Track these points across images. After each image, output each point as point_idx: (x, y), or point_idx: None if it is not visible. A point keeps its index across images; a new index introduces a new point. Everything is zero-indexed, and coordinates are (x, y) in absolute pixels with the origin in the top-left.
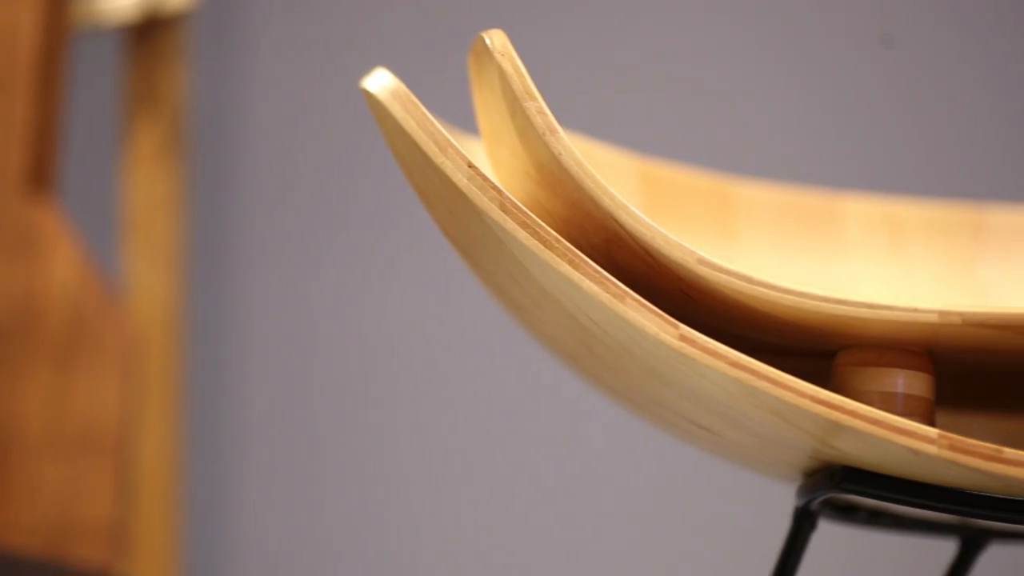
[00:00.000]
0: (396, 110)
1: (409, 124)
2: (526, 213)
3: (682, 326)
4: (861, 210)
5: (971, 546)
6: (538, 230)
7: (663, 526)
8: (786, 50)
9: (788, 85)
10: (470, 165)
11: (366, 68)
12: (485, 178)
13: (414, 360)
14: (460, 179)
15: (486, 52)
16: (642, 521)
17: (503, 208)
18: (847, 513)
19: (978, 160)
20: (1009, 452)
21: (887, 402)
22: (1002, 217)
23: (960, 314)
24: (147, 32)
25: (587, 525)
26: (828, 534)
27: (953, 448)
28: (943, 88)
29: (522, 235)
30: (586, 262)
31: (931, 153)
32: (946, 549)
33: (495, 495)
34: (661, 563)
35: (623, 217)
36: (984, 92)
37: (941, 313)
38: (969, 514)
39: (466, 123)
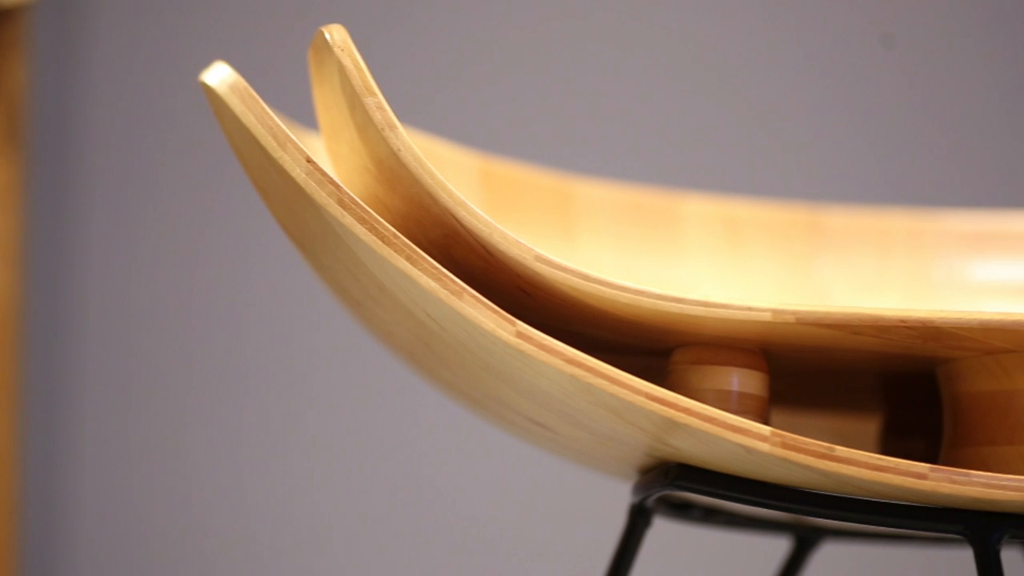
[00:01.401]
0: (235, 104)
1: (248, 118)
2: (364, 209)
3: (519, 323)
4: (700, 210)
5: (804, 544)
6: (376, 226)
7: (500, 524)
8: (786, 50)
9: (788, 85)
10: (308, 160)
11: (206, 62)
12: (323, 173)
13: (252, 353)
14: (298, 174)
15: (326, 47)
16: (480, 519)
17: (341, 203)
18: (682, 511)
19: (978, 160)
20: (841, 450)
21: (722, 400)
22: (838, 218)
23: (793, 313)
24: None
25: (423, 521)
26: (666, 532)
27: (785, 446)
28: (944, 89)
29: (360, 231)
30: (424, 258)
31: (932, 153)
32: (782, 547)
33: (334, 491)
34: (498, 561)
35: (461, 214)
36: (985, 92)
37: (775, 312)
38: (801, 512)
39: (307, 119)
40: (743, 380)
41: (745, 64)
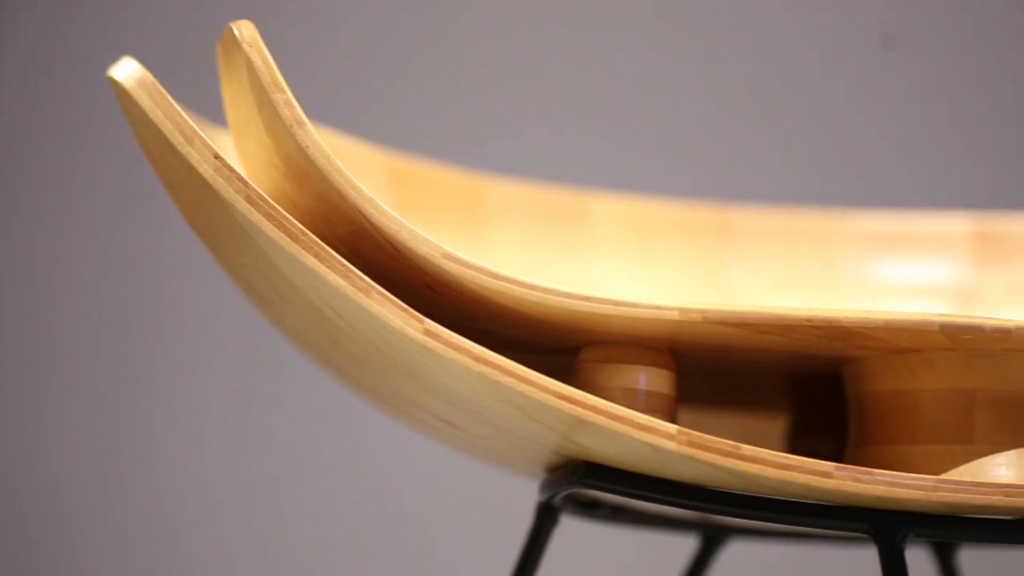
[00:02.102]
0: (142, 99)
1: (155, 114)
2: (272, 205)
3: (427, 320)
4: (609, 209)
5: (711, 542)
6: (284, 222)
7: (408, 522)
8: (786, 50)
9: (788, 85)
10: (216, 156)
11: (114, 57)
12: (231, 169)
13: (145, 345)
14: (206, 170)
15: (234, 43)
16: (386, 517)
17: (249, 200)
18: (590, 509)
19: (979, 161)
20: (747, 449)
21: (629, 398)
22: (746, 218)
23: (701, 312)
24: None
25: (326, 519)
26: (574, 530)
27: (692, 444)
28: (944, 89)
29: (268, 227)
30: (332, 255)
31: (932, 154)
32: (690, 545)
33: (232, 492)
34: (405, 559)
35: (369, 210)
36: (985, 92)
37: (682, 311)
38: (708, 510)
39: (216, 116)
40: (651, 379)
41: (744, 64)
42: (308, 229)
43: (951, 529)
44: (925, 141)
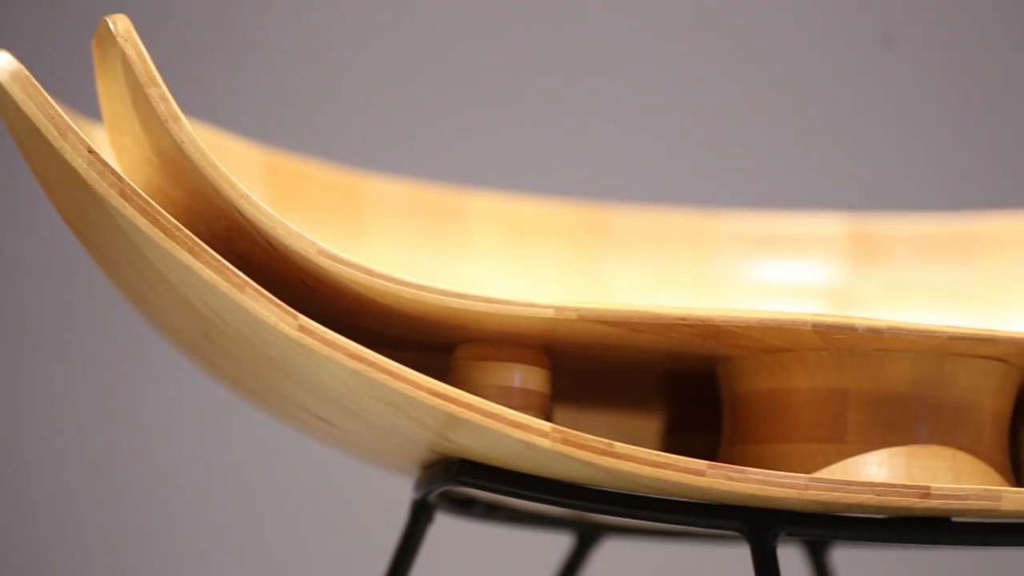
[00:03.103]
0: (16, 92)
1: (29, 107)
2: (146, 200)
3: (301, 317)
4: (487, 207)
5: (586, 540)
6: (158, 217)
7: (278, 520)
8: (785, 50)
9: (786, 86)
10: (90, 150)
11: None
12: (105, 164)
13: (26, 348)
14: (80, 164)
15: (109, 37)
16: (264, 516)
17: (123, 195)
18: (465, 507)
19: (979, 161)
20: (620, 447)
21: (504, 396)
22: (623, 217)
23: (576, 310)
24: None
25: (193, 517)
26: (446, 527)
27: (566, 442)
28: (945, 89)
29: (142, 222)
30: (206, 251)
31: (932, 154)
32: (566, 543)
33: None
34: (277, 557)
35: (244, 206)
36: (986, 93)
37: (557, 308)
38: (582, 508)
39: (92, 111)
40: (525, 376)
41: (743, 64)
42: (183, 225)
43: (823, 528)
44: (925, 141)
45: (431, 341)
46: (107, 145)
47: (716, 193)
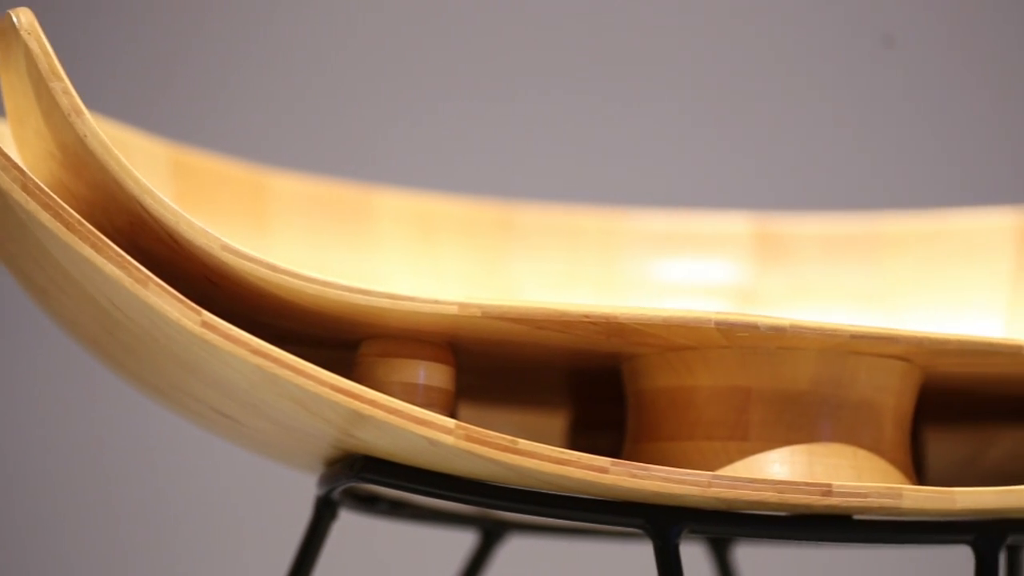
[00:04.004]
0: None
1: None
2: (49, 195)
3: (204, 312)
4: (393, 204)
5: (490, 537)
6: (61, 212)
7: (189, 518)
8: (784, 50)
9: (786, 85)
10: None
11: None
12: (7, 158)
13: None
14: None
15: (12, 30)
16: (167, 514)
17: (25, 189)
18: (369, 503)
19: (980, 161)
20: (524, 443)
21: (408, 393)
22: (529, 215)
23: (479, 307)
24: None
25: (85, 514)
26: (352, 525)
27: (470, 439)
28: (945, 89)
29: (44, 217)
30: (109, 246)
31: (932, 153)
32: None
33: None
34: (181, 555)
35: (147, 201)
36: (986, 93)
37: (461, 305)
38: (486, 504)
39: None
40: (429, 373)
41: (742, 64)
42: (86, 219)
43: (725, 525)
44: (925, 141)
45: (336, 338)
46: (10, 139)
47: (714, 194)
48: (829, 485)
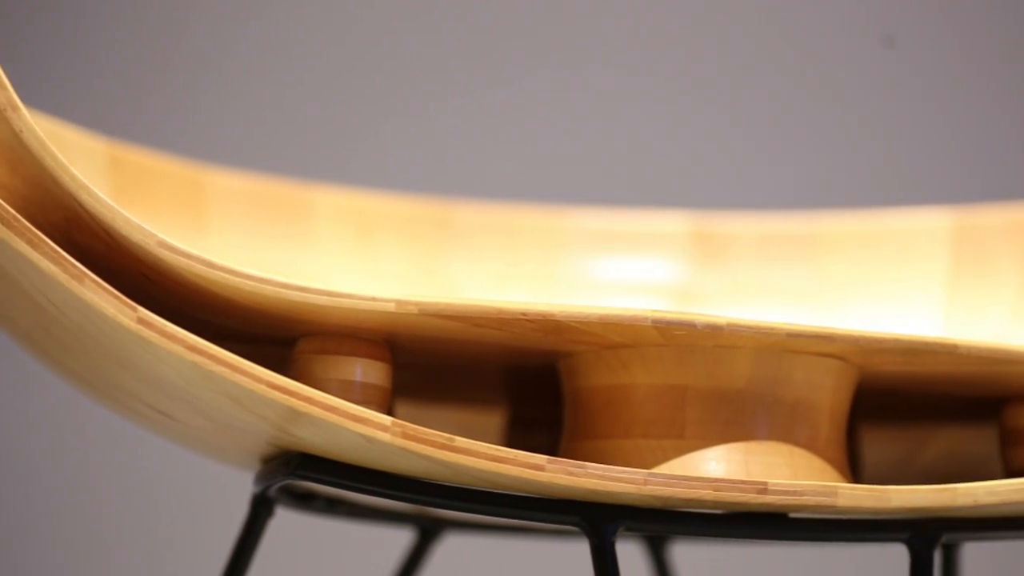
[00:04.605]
0: None
1: None
2: None
3: (140, 309)
4: (332, 202)
5: (427, 535)
6: None
7: (124, 515)
8: (784, 50)
9: (785, 85)
10: None
11: None
12: None
13: None
14: None
15: None
16: (100, 510)
17: None
18: (306, 501)
19: (979, 161)
20: (460, 441)
21: (345, 390)
22: (468, 213)
23: (417, 304)
24: None
25: (14, 510)
26: (293, 522)
27: (406, 436)
28: (945, 89)
29: None
30: (45, 241)
31: (933, 153)
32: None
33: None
34: (120, 552)
35: (84, 197)
36: (987, 93)
37: (398, 303)
38: (422, 502)
39: None
40: (367, 371)
41: (742, 64)
42: (21, 215)
43: (662, 523)
44: (925, 140)
45: (273, 335)
46: None
47: (715, 194)
48: (765, 483)
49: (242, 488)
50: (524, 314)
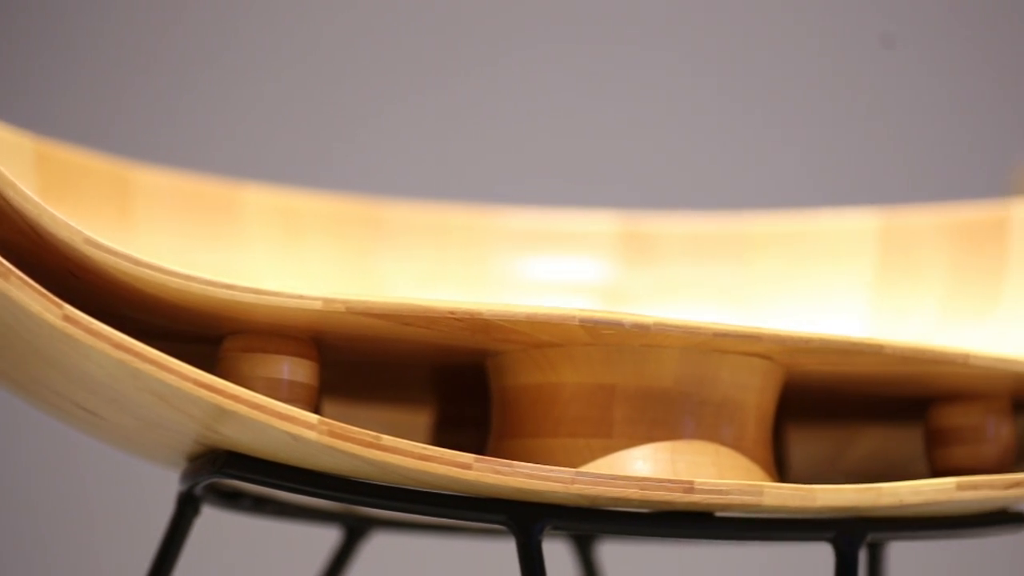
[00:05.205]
0: None
1: None
2: None
3: (66, 306)
4: (260, 200)
5: (354, 534)
6: None
7: (51, 514)
8: (784, 50)
9: (786, 85)
10: None
11: None
12: None
13: None
14: None
15: None
16: (25, 508)
17: None
18: (233, 499)
19: (979, 161)
20: (387, 439)
21: (272, 388)
22: (397, 212)
23: (344, 302)
24: None
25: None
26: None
27: (333, 434)
28: (945, 89)
29: None
30: None
31: (933, 153)
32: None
33: None
34: (48, 552)
35: (9, 193)
36: (986, 92)
37: (325, 301)
38: (349, 500)
39: None
40: (294, 369)
41: (741, 64)
42: None
43: (589, 521)
44: (925, 140)
45: (200, 332)
46: None
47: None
48: (691, 482)
49: (169, 487)
50: (452, 313)
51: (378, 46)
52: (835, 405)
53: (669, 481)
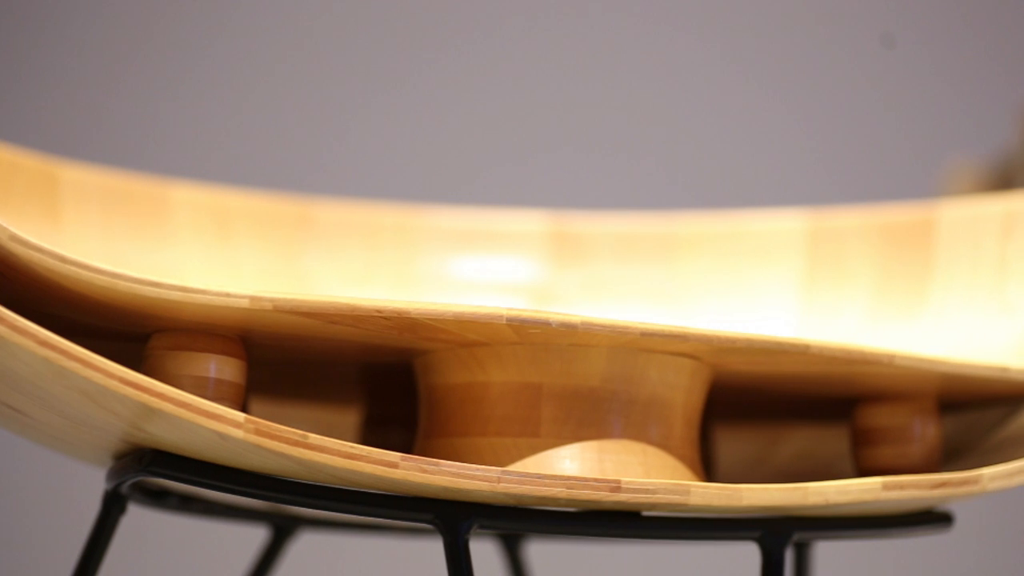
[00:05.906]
0: None
1: None
2: None
3: None
4: (189, 198)
5: (282, 533)
6: None
7: None
8: (784, 50)
9: (786, 85)
10: None
11: None
12: None
13: None
14: None
15: None
16: None
17: None
18: (159, 498)
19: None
20: (314, 438)
21: (199, 386)
22: (327, 211)
23: (271, 300)
24: None
25: None
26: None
27: (259, 433)
28: (945, 89)
29: None
30: None
31: (933, 152)
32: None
33: None
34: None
35: None
36: (986, 92)
37: (252, 299)
38: (276, 499)
39: None
40: (221, 367)
41: (742, 64)
42: None
43: (516, 520)
44: (925, 140)
45: (127, 330)
46: None
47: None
48: (618, 481)
49: (95, 485)
50: (379, 311)
51: (309, 44)
52: (762, 405)
53: (596, 480)
